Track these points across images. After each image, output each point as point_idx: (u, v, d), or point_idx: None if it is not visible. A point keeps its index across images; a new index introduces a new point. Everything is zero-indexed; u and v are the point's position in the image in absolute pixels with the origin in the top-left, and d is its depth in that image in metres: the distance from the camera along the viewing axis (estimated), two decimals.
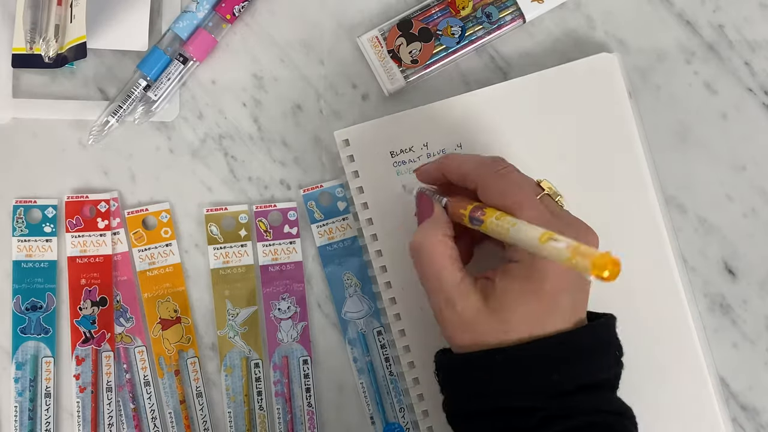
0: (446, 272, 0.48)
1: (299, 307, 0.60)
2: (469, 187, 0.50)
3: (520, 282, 0.46)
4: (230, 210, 0.61)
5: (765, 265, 0.61)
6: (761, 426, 0.60)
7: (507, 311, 0.46)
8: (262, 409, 0.60)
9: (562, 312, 0.46)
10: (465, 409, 0.48)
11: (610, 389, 0.48)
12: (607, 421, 0.46)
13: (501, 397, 0.46)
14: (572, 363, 0.46)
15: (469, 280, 0.48)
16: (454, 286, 0.47)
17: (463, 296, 0.47)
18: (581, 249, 0.39)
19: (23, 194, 0.61)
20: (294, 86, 0.62)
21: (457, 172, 0.50)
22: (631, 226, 0.58)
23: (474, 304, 0.47)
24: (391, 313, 0.58)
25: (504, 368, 0.46)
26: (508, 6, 0.60)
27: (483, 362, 0.46)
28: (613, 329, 0.49)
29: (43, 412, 0.59)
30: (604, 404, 0.47)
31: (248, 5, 0.61)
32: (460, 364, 0.48)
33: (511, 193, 0.47)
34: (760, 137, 0.61)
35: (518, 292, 0.46)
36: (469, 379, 0.47)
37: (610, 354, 0.48)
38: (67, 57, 0.58)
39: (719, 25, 0.62)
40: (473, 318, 0.46)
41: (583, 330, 0.47)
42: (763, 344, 0.61)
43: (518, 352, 0.45)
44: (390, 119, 0.59)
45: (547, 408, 0.45)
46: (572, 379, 0.46)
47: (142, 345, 0.60)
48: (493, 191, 0.48)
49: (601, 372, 0.47)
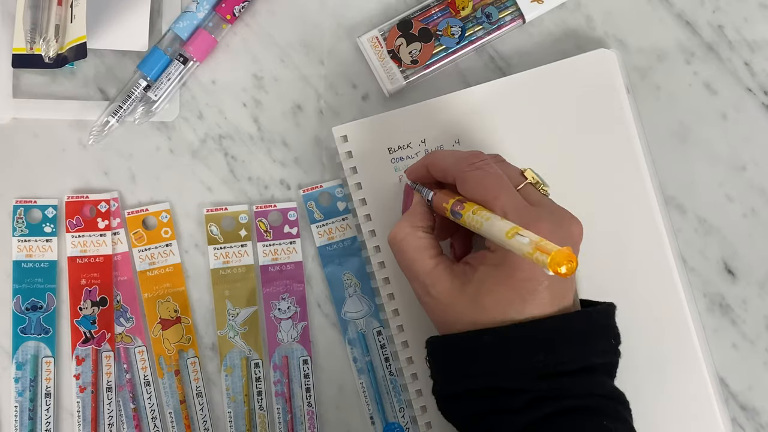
0: (417, 262, 0.50)
1: (299, 307, 0.60)
2: (449, 182, 0.51)
3: (494, 270, 0.47)
4: (230, 210, 0.61)
5: (765, 265, 0.61)
6: (761, 426, 0.60)
7: (483, 296, 0.47)
8: (262, 409, 0.60)
9: (539, 300, 0.47)
10: (451, 390, 0.49)
11: (605, 375, 0.48)
12: (600, 405, 0.46)
13: (485, 377, 0.47)
14: (558, 345, 0.46)
15: (443, 266, 0.49)
16: (427, 273, 0.49)
17: (437, 282, 0.49)
18: (541, 244, 0.41)
19: (23, 194, 0.61)
20: (294, 86, 0.62)
21: (439, 168, 0.52)
22: (631, 226, 0.58)
23: (448, 288, 0.49)
24: (389, 309, 0.58)
25: (487, 348, 0.47)
26: (508, 6, 0.60)
27: (465, 343, 0.48)
28: (609, 317, 0.49)
29: (44, 412, 0.59)
30: (595, 388, 0.47)
31: (248, 5, 0.61)
32: (444, 344, 0.49)
33: (486, 186, 0.48)
34: (760, 137, 0.61)
35: (492, 280, 0.47)
36: (454, 360, 0.49)
37: (603, 340, 0.48)
38: (67, 57, 0.58)
39: (719, 26, 0.62)
40: (449, 301, 0.49)
41: (573, 315, 0.47)
42: (763, 344, 0.61)
43: (500, 332, 0.46)
44: (388, 115, 0.59)
45: (535, 389, 0.46)
46: (560, 361, 0.46)
47: (142, 345, 0.60)
48: (470, 185, 0.49)
49: (594, 357, 0.47)
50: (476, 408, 0.48)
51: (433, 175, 0.52)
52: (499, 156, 0.52)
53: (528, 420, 0.45)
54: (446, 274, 0.49)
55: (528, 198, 0.49)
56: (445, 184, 0.52)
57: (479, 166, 0.49)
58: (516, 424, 0.46)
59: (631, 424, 0.48)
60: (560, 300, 0.47)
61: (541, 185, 0.50)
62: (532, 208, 0.47)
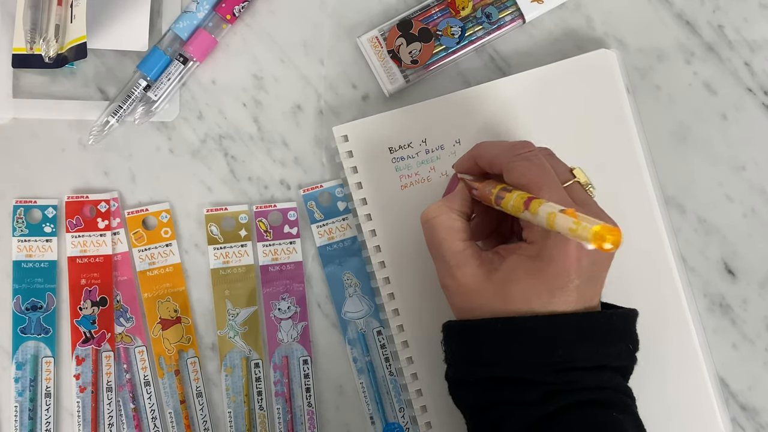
0: (446, 242, 0.49)
1: (299, 307, 0.60)
2: (496, 172, 0.50)
3: (527, 261, 0.47)
4: (230, 210, 0.61)
5: (765, 265, 0.61)
6: (761, 426, 0.60)
7: (509, 284, 0.47)
8: (262, 409, 0.60)
9: (566, 296, 0.46)
10: (464, 376, 0.49)
11: (618, 375, 0.48)
12: (609, 398, 0.46)
13: (500, 366, 0.47)
14: (577, 343, 0.46)
15: (471, 251, 0.49)
16: (454, 254, 0.49)
17: (462, 265, 0.48)
18: (586, 219, 0.40)
19: (23, 194, 0.61)
20: (294, 86, 0.62)
21: (486, 159, 0.51)
22: (631, 226, 0.58)
23: (474, 273, 0.48)
24: (389, 309, 0.58)
25: (504, 337, 0.46)
26: (508, 6, 0.60)
27: (482, 329, 0.47)
28: (629, 321, 0.49)
29: (43, 412, 0.59)
30: (606, 382, 0.47)
31: (248, 5, 0.61)
32: (460, 329, 0.49)
33: (531, 175, 0.48)
34: (760, 137, 0.61)
35: (523, 270, 0.47)
36: (469, 346, 0.48)
37: (620, 343, 0.48)
38: (67, 57, 0.58)
39: (719, 26, 0.62)
40: (473, 286, 0.48)
41: (594, 314, 0.47)
42: (763, 344, 0.61)
43: (519, 322, 0.46)
44: (389, 115, 0.59)
45: (549, 383, 0.46)
46: (576, 358, 0.46)
47: (142, 345, 0.60)
48: (515, 174, 0.48)
49: (609, 358, 0.47)
50: (488, 397, 0.47)
51: (480, 167, 0.52)
52: (549, 150, 0.52)
53: (540, 414, 0.45)
54: (474, 258, 0.49)
55: (573, 196, 0.48)
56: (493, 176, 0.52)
57: (526, 156, 0.49)
58: (528, 417, 0.46)
59: (639, 417, 0.48)
60: (586, 301, 0.47)
61: (590, 186, 0.50)
62: (576, 206, 0.47)
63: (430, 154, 0.59)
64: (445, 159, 0.59)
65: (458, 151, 0.58)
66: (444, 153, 0.59)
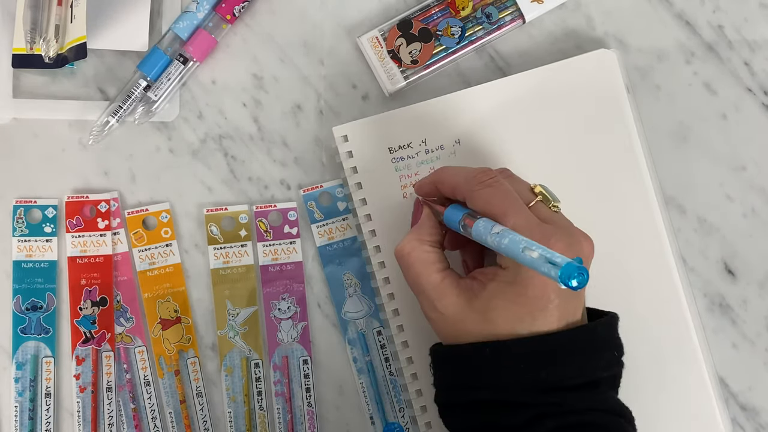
0: (423, 276, 0.50)
1: (299, 307, 0.60)
2: (459, 199, 0.51)
3: (505, 287, 0.47)
4: (230, 210, 0.61)
5: (764, 265, 0.61)
6: (761, 426, 0.60)
7: (491, 312, 0.47)
8: (262, 409, 0.60)
9: (547, 317, 0.46)
10: (452, 400, 0.49)
11: (609, 388, 0.48)
12: (603, 421, 0.46)
13: (487, 390, 0.47)
14: (562, 360, 0.46)
15: (449, 281, 0.49)
16: (434, 287, 0.49)
17: (442, 296, 0.49)
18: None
19: (23, 194, 0.61)
20: (294, 86, 0.62)
21: (448, 186, 0.52)
22: (631, 226, 0.58)
23: (455, 302, 0.48)
24: (389, 309, 0.58)
25: (490, 361, 0.47)
26: (508, 6, 0.60)
27: (468, 354, 0.47)
28: (612, 328, 0.49)
29: (44, 412, 0.59)
30: (598, 403, 0.47)
31: (248, 5, 0.61)
32: (447, 355, 0.49)
33: (496, 203, 0.48)
34: (760, 137, 0.61)
35: (502, 298, 0.47)
36: (456, 370, 0.48)
37: (606, 353, 0.48)
38: (67, 57, 0.58)
39: (719, 26, 0.62)
40: (455, 316, 0.48)
41: (577, 330, 0.47)
42: (763, 344, 0.61)
43: (504, 346, 0.46)
44: (389, 115, 0.59)
45: (537, 404, 0.46)
46: (564, 376, 0.46)
47: (142, 345, 0.60)
48: (480, 202, 0.49)
49: (597, 371, 0.47)
50: (476, 421, 0.47)
51: (442, 192, 0.52)
52: (508, 170, 0.52)
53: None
54: (453, 288, 0.49)
55: (539, 215, 0.48)
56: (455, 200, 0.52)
57: (489, 183, 0.49)
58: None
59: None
60: (569, 317, 0.47)
61: (552, 202, 0.50)
62: (544, 225, 0.47)
63: (430, 154, 0.59)
64: (445, 159, 0.59)
65: (458, 151, 0.58)
66: (444, 153, 0.59)
